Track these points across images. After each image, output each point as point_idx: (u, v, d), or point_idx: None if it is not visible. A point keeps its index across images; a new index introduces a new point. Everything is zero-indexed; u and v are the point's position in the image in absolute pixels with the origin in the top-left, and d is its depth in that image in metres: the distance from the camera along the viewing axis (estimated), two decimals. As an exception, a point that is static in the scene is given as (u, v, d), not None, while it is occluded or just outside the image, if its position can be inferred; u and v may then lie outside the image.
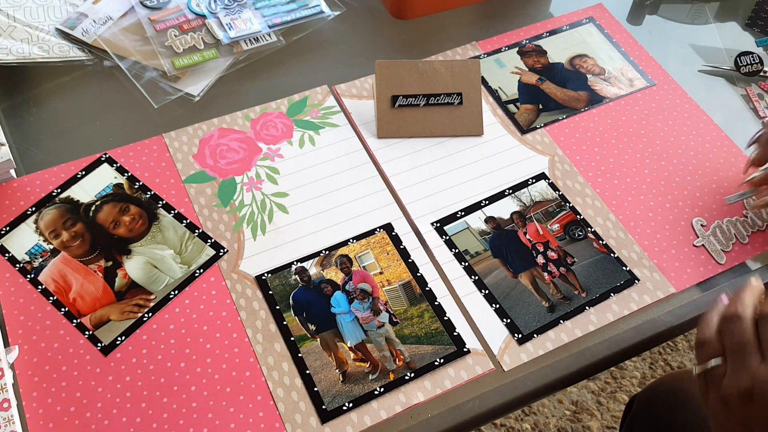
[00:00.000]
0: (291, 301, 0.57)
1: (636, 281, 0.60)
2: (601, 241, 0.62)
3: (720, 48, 0.79)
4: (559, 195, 0.65)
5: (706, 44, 0.80)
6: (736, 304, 0.47)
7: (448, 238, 0.62)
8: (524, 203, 0.64)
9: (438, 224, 0.62)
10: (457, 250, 0.61)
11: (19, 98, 0.69)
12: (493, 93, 0.73)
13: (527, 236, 0.62)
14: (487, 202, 0.64)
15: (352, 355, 0.55)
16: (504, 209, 0.64)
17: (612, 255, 0.61)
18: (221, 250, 0.60)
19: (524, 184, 0.65)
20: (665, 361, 1.39)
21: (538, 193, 0.65)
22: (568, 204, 0.64)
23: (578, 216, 0.64)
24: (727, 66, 0.77)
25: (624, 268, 0.61)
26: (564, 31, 0.79)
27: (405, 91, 0.68)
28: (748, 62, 0.75)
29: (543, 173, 0.66)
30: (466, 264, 0.60)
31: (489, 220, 0.63)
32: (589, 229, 0.63)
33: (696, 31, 0.82)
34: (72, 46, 0.71)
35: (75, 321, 0.55)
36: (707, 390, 0.47)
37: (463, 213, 0.63)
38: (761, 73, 0.75)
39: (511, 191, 0.65)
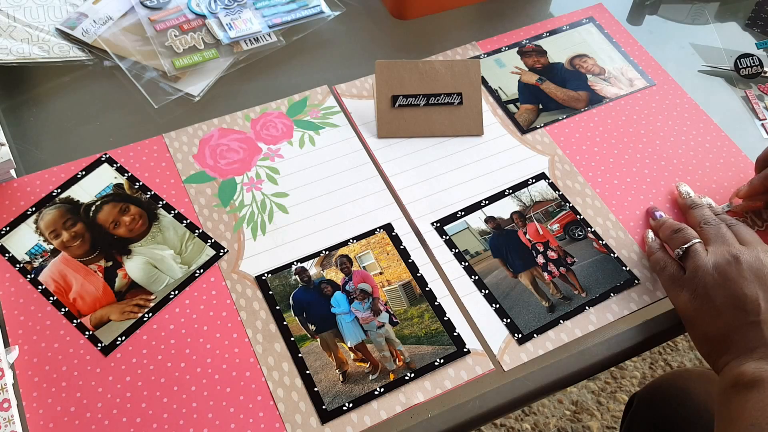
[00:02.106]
0: (291, 302, 0.57)
1: (636, 281, 0.60)
2: (601, 241, 0.62)
3: (720, 48, 0.79)
4: (559, 195, 0.65)
5: (706, 44, 0.80)
6: (707, 212, 0.60)
7: (448, 238, 0.62)
8: (524, 203, 0.64)
9: (438, 224, 0.62)
10: (457, 250, 0.61)
11: (19, 98, 0.69)
12: (493, 93, 0.73)
13: (527, 236, 0.62)
14: (487, 202, 0.64)
15: (352, 355, 0.55)
16: (504, 209, 0.64)
17: (612, 255, 0.61)
18: (221, 251, 0.60)
19: (524, 184, 0.65)
20: (665, 361, 1.39)
21: (538, 193, 0.65)
22: (568, 204, 0.64)
23: (578, 216, 0.64)
24: (726, 66, 0.77)
25: (624, 268, 0.61)
26: (564, 31, 0.79)
27: (405, 91, 0.68)
28: (748, 64, 0.75)
29: (543, 173, 0.66)
30: (466, 264, 0.60)
31: (489, 220, 0.63)
32: (589, 229, 0.63)
33: (696, 31, 0.82)
34: (72, 46, 0.71)
35: (75, 321, 0.55)
36: (684, 265, 0.56)
37: (463, 213, 0.63)
38: (761, 75, 0.75)
39: (511, 191, 0.65)
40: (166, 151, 0.65)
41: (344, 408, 0.52)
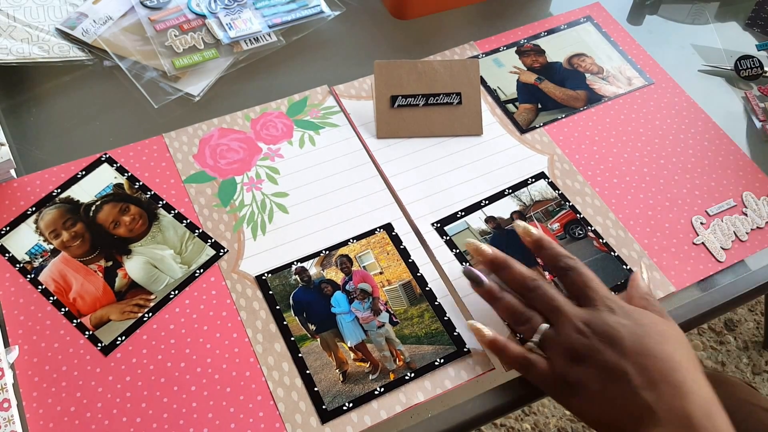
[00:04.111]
0: (291, 301, 0.57)
1: None
2: (601, 240, 0.62)
3: (720, 48, 0.79)
4: (558, 194, 0.65)
5: (706, 44, 0.80)
6: (527, 276, 0.54)
7: (448, 238, 0.62)
8: (524, 203, 0.64)
9: (438, 225, 0.62)
10: (457, 251, 0.61)
11: (19, 98, 0.69)
12: (492, 93, 0.73)
13: None
14: (487, 201, 0.64)
15: (352, 355, 0.55)
16: (504, 209, 0.64)
17: (612, 254, 0.61)
18: (221, 250, 0.60)
19: (524, 184, 0.65)
20: (665, 360, 1.39)
21: (538, 193, 0.65)
22: (567, 203, 0.64)
23: (578, 215, 0.64)
24: (727, 66, 0.77)
25: (624, 266, 0.61)
26: (562, 31, 0.79)
27: (404, 91, 0.68)
28: (749, 66, 0.75)
29: (542, 172, 0.66)
30: (468, 264, 0.60)
31: (489, 219, 0.63)
32: (589, 228, 0.63)
33: (696, 31, 0.82)
34: (72, 46, 0.71)
35: (75, 321, 0.55)
36: (546, 356, 0.51)
37: (463, 213, 0.63)
38: (762, 77, 0.75)
39: (510, 191, 0.65)
40: (166, 151, 0.65)
41: (344, 408, 0.52)
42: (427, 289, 0.59)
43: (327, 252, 0.60)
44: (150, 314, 0.56)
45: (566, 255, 0.55)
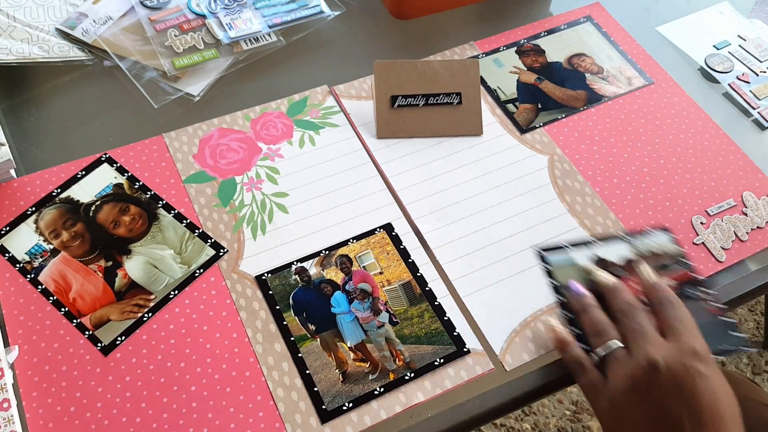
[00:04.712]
0: (291, 301, 0.57)
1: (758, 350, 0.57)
2: (713, 304, 0.58)
3: (716, 49, 0.79)
4: (679, 251, 0.61)
5: (705, 43, 0.80)
6: (627, 301, 0.53)
7: (550, 268, 0.59)
8: (640, 251, 0.60)
9: (543, 250, 0.60)
10: (554, 282, 0.58)
11: (19, 98, 0.69)
12: (492, 93, 0.73)
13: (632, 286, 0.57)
14: (600, 241, 0.61)
15: (352, 355, 0.55)
16: (616, 253, 0.60)
17: (723, 318, 0.57)
18: (221, 250, 0.60)
19: (643, 232, 0.62)
20: (665, 360, 1.39)
21: (658, 245, 0.61)
22: (689, 264, 0.60)
23: (697, 277, 0.59)
24: (723, 68, 0.77)
25: (733, 332, 0.56)
26: (562, 30, 0.79)
27: (404, 92, 0.68)
28: (719, 61, 0.76)
29: (665, 227, 0.62)
30: (563, 299, 0.57)
31: (599, 261, 0.60)
32: (708, 291, 0.58)
33: (695, 30, 0.82)
34: (72, 46, 0.71)
35: (75, 321, 0.55)
36: (606, 374, 0.50)
37: (570, 246, 0.61)
38: (735, 67, 0.76)
39: (628, 236, 0.61)
40: (166, 150, 0.65)
41: (344, 408, 0.52)
42: (427, 289, 0.59)
43: (327, 252, 0.60)
44: (150, 314, 0.56)
45: (673, 295, 0.53)
